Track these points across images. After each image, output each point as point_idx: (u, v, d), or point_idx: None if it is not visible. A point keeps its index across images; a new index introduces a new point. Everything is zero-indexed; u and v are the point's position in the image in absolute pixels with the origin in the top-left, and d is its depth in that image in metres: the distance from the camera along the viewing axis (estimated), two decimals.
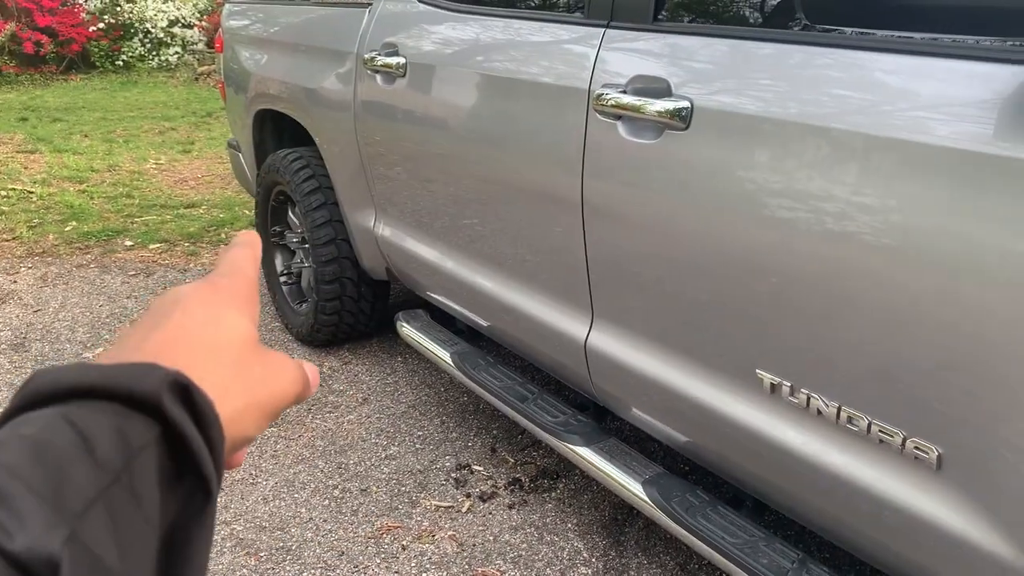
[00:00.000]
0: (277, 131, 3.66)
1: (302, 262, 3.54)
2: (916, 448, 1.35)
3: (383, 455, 2.80)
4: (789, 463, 1.57)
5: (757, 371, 1.59)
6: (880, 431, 1.40)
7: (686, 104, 1.60)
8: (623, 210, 1.80)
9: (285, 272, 3.66)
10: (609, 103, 1.76)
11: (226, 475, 2.30)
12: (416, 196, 2.68)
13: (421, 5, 2.59)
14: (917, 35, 1.34)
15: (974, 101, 1.22)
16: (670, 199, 1.67)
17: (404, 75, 2.55)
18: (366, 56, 2.75)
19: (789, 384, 1.54)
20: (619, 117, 1.75)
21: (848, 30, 1.43)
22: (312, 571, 2.27)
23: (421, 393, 3.20)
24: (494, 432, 2.91)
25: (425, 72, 2.48)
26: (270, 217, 3.65)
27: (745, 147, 1.50)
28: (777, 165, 1.45)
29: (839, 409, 1.46)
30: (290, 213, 3.57)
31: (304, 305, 3.54)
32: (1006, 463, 1.23)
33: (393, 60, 2.59)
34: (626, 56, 1.78)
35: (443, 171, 2.48)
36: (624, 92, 1.74)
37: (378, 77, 2.70)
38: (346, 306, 3.36)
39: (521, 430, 2.89)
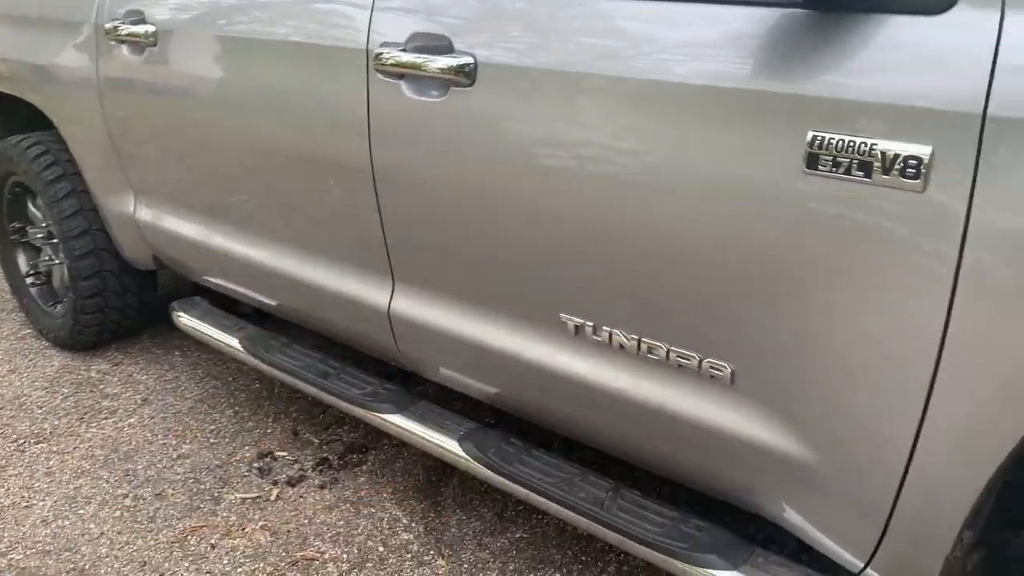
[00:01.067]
0: (3, 116, 3.26)
1: (51, 259, 3.19)
2: (711, 367, 1.47)
3: (175, 455, 2.62)
4: (600, 399, 1.65)
5: (561, 315, 1.65)
6: (678, 356, 1.50)
7: (469, 60, 1.60)
8: (416, 171, 1.79)
9: (32, 272, 3.28)
10: (389, 62, 1.73)
11: None
12: (181, 175, 2.50)
13: None
14: None
15: (711, 41, 1.33)
16: (461, 156, 1.68)
17: (154, 44, 2.35)
18: (108, 26, 2.50)
19: (591, 324, 1.61)
20: (402, 76, 1.73)
21: None
22: None
23: (207, 386, 3.01)
24: (293, 415, 2.81)
25: (180, 40, 2.30)
26: (6, 212, 3.26)
27: (528, 100, 1.54)
28: (559, 116, 1.50)
29: (639, 341, 1.55)
30: (30, 206, 3.20)
31: (59, 306, 3.20)
32: (788, 370, 1.37)
33: (140, 29, 2.38)
34: (403, 14, 1.75)
35: (211, 146, 2.32)
36: (404, 51, 1.71)
37: (124, 48, 2.47)
38: (109, 302, 3.09)
39: (322, 409, 2.81)
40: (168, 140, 2.48)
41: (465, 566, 2.12)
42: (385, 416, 2.13)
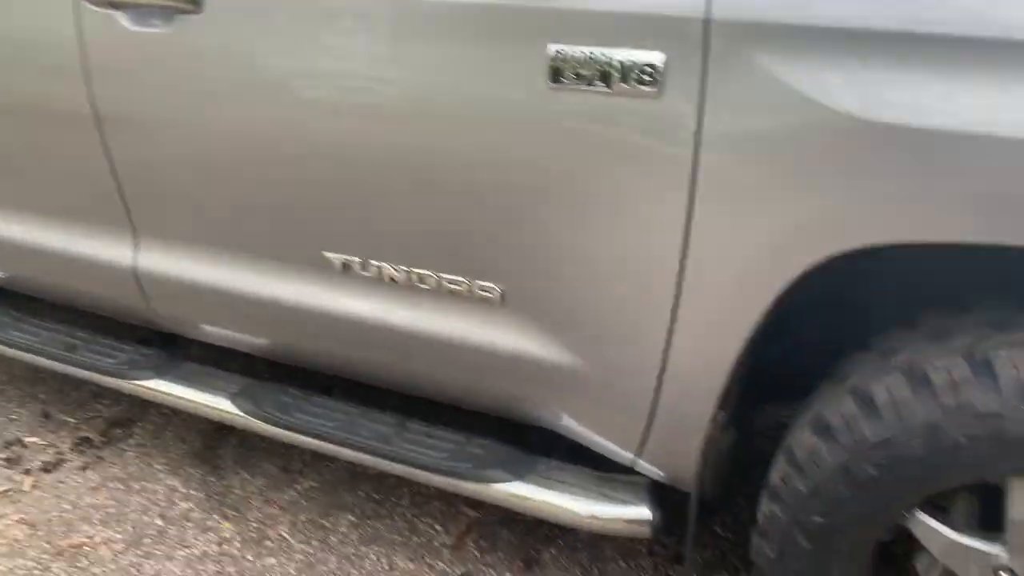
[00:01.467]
0: None
1: None
2: (481, 290, 1.48)
3: None
4: (375, 334, 1.62)
5: (324, 254, 1.59)
6: (449, 283, 1.50)
7: None
8: (145, 112, 1.62)
9: None
10: None
11: None
12: None
13: None
14: None
15: None
16: (195, 91, 1.55)
17: None
18: None
19: (359, 260, 1.56)
20: (116, 6, 1.55)
21: None
22: None
23: None
24: (41, 397, 2.54)
25: None
26: None
27: (263, 24, 1.44)
28: (296, 40, 1.42)
29: (408, 273, 1.53)
30: None
31: None
32: (553, 285, 1.41)
33: None
34: None
35: None
36: None
37: None
38: None
39: (74, 386, 2.56)
40: None
41: (253, 524, 2.04)
42: (146, 384, 1.98)
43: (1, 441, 2.35)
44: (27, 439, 2.36)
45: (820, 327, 1.38)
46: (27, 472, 2.23)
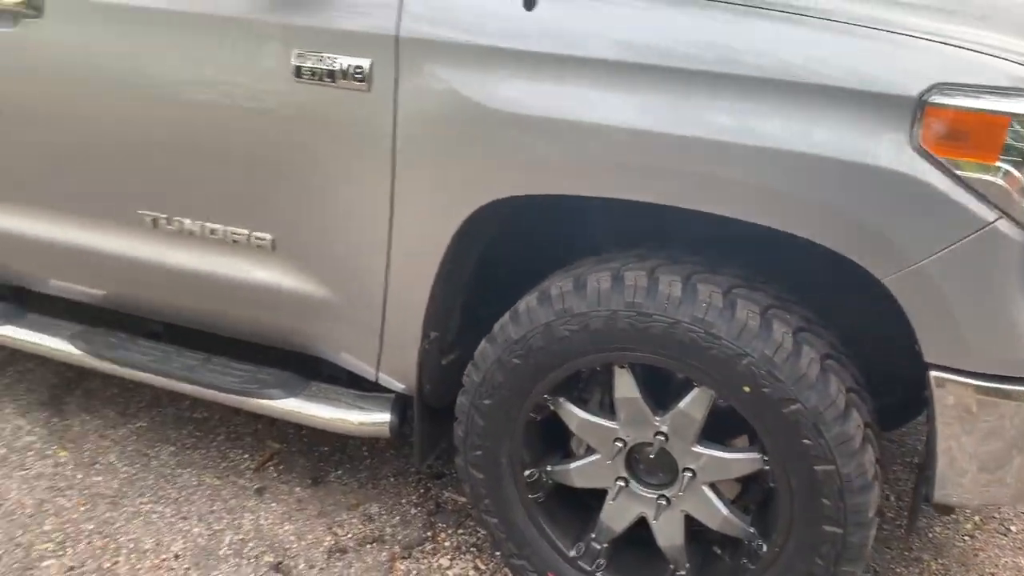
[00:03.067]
0: None
1: None
2: (257, 239, 1.91)
3: None
4: (179, 279, 2.03)
5: (139, 211, 2.00)
6: (232, 234, 1.93)
7: None
8: None
9: None
10: None
11: None
12: None
13: None
14: None
15: None
16: (35, 80, 1.96)
17: None
18: None
19: (164, 216, 1.98)
20: None
21: None
22: None
23: None
24: None
25: None
26: None
27: (87, 27, 1.87)
28: (114, 41, 1.85)
29: (202, 226, 1.95)
30: None
31: None
32: (310, 233, 1.85)
33: None
34: None
35: None
36: None
37: None
38: None
39: None
40: None
41: (86, 454, 2.40)
42: None
43: None
44: None
45: (507, 271, 1.86)
46: None
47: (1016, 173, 1.34)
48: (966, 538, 2.21)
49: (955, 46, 1.37)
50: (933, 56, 1.37)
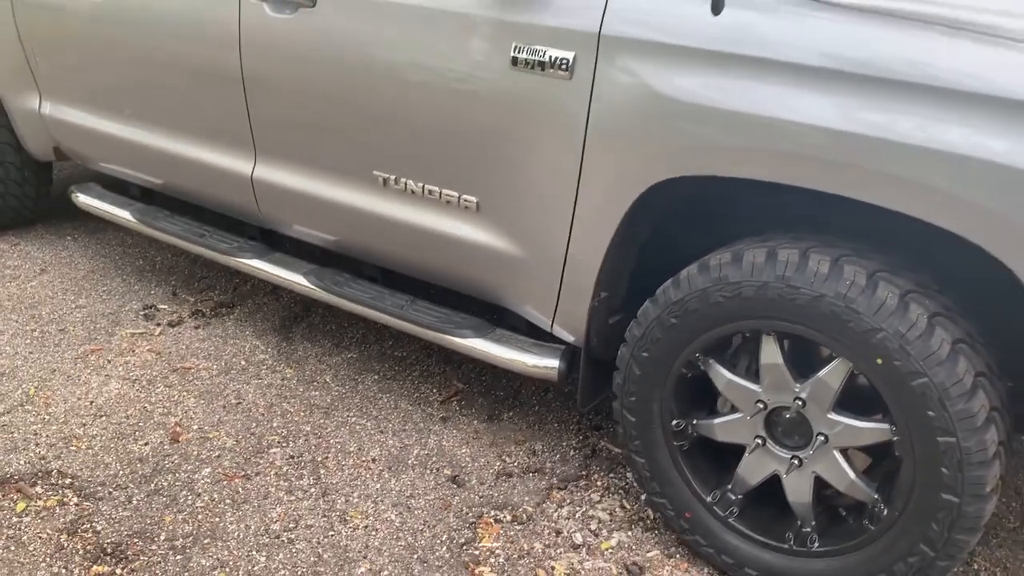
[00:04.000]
0: None
1: None
2: (465, 200, 2.27)
3: (73, 306, 3.24)
4: (400, 231, 2.43)
5: (373, 172, 2.42)
6: (445, 195, 2.30)
7: None
8: (274, 71, 2.50)
9: None
10: None
11: None
12: (85, 77, 3.10)
13: None
14: None
15: None
16: (306, 58, 2.41)
17: None
18: None
19: (393, 177, 2.38)
20: None
21: None
22: (29, 384, 2.73)
23: (97, 261, 3.62)
24: (173, 282, 3.47)
25: None
26: None
27: (350, 16, 2.29)
28: (371, 29, 2.26)
29: (423, 187, 2.34)
30: None
31: None
32: (511, 199, 2.18)
33: None
34: None
35: (113, 54, 2.94)
36: None
37: None
38: (10, 190, 3.63)
39: (199, 277, 3.48)
40: (75, 48, 3.07)
41: (307, 373, 2.87)
42: (249, 261, 2.85)
43: (143, 304, 3.27)
44: (160, 306, 3.27)
45: (678, 249, 2.11)
46: (157, 324, 3.14)
47: None
48: None
49: None
50: None
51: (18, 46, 3.24)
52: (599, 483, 2.40)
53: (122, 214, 3.20)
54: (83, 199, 3.34)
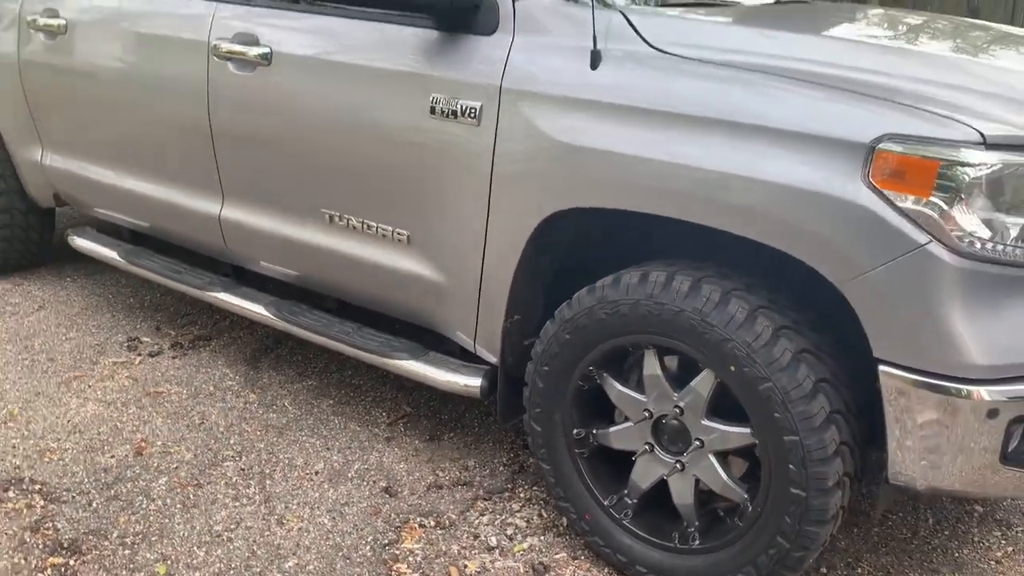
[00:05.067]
0: None
1: None
2: (398, 235, 2.53)
3: (64, 338, 3.52)
4: (343, 262, 2.69)
5: (321, 210, 2.69)
6: (381, 230, 2.56)
7: (267, 49, 2.65)
8: (237, 122, 2.81)
9: None
10: (223, 50, 2.75)
11: None
12: (81, 131, 3.44)
13: None
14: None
15: (379, 42, 2.41)
16: (263, 111, 2.72)
17: (65, 33, 3.31)
18: (28, 18, 3.44)
19: (337, 214, 2.66)
20: (230, 59, 2.75)
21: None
22: (14, 405, 2.99)
23: (92, 300, 3.91)
24: (158, 318, 3.75)
25: (84, 31, 3.27)
26: None
27: (300, 75, 2.59)
28: (317, 85, 2.56)
29: (363, 222, 2.60)
30: None
31: None
32: (436, 233, 2.44)
33: (54, 21, 3.33)
34: (231, 20, 2.78)
35: (105, 109, 3.28)
36: (231, 42, 2.74)
37: (40, 35, 3.41)
38: (16, 234, 3.96)
39: (183, 314, 3.76)
40: (72, 106, 3.42)
41: (268, 397, 3.12)
42: (217, 295, 3.12)
43: (127, 337, 3.54)
44: (143, 338, 3.55)
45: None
46: (139, 354, 3.41)
47: (944, 206, 1.68)
48: (992, 562, 2.38)
49: (905, 104, 1.74)
50: (885, 112, 1.74)
51: (24, 105, 3.60)
52: (522, 495, 2.60)
53: (110, 254, 3.50)
54: (78, 241, 3.65)
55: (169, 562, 2.27)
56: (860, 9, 3.04)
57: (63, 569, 2.23)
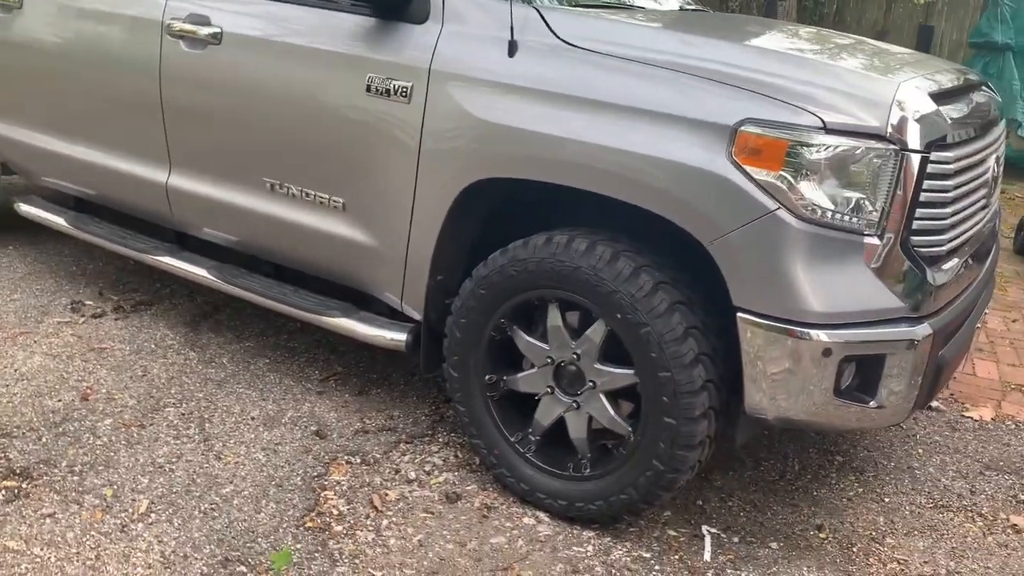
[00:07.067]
0: None
1: None
2: (334, 202, 2.80)
3: (8, 299, 3.68)
4: (282, 228, 2.95)
5: (264, 179, 2.94)
6: (319, 198, 2.83)
7: (218, 30, 2.89)
8: (186, 96, 3.04)
9: None
10: (176, 29, 2.99)
11: None
12: (32, 102, 3.61)
13: None
14: None
15: (324, 27, 2.68)
16: (212, 86, 2.96)
17: (21, 7, 3.48)
18: None
19: (278, 182, 2.91)
20: (182, 37, 2.99)
21: None
22: None
23: (34, 266, 4.07)
24: (100, 284, 3.93)
25: (41, 5, 3.45)
26: None
27: (248, 53, 2.85)
28: (259, 62, 2.82)
29: (301, 190, 2.86)
30: None
31: None
32: (362, 200, 2.72)
33: None
34: (184, 2, 3.01)
35: (55, 82, 3.46)
36: (184, 21, 2.98)
37: None
38: None
39: (124, 281, 3.95)
40: (21, 77, 3.59)
41: (208, 355, 3.34)
42: (162, 259, 3.34)
43: (71, 300, 3.72)
44: (86, 302, 3.73)
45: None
46: (82, 316, 3.59)
47: (792, 179, 2.03)
48: (844, 500, 2.76)
49: (763, 95, 2.09)
50: (747, 100, 2.09)
51: None
52: (441, 440, 2.89)
53: (58, 220, 3.68)
54: (25, 209, 3.81)
55: (115, 487, 2.49)
56: (750, 20, 3.43)
57: (16, 491, 2.44)
